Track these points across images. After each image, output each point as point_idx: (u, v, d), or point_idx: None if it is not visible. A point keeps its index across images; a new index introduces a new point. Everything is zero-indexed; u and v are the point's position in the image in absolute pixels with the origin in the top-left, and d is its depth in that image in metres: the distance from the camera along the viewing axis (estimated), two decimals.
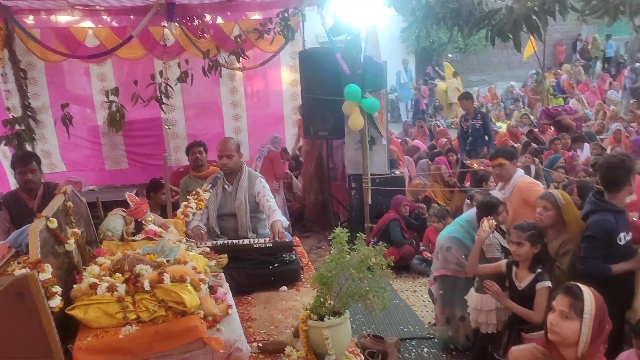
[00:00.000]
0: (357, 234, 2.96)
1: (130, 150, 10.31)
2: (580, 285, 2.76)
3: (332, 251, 2.94)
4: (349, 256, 2.95)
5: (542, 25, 3.72)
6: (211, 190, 4.82)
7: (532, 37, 9.75)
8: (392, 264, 3.00)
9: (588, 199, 4.15)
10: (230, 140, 5.13)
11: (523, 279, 3.92)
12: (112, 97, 7.66)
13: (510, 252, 4.03)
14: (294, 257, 4.36)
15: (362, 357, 3.08)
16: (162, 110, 8.72)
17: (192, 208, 4.30)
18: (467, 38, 4.82)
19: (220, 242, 4.53)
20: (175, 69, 8.96)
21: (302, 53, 8.76)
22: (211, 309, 2.54)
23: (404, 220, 7.82)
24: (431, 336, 5.69)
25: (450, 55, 20.91)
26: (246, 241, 4.56)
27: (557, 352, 2.78)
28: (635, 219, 4.27)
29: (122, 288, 2.48)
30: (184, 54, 9.28)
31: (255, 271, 4.12)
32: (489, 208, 4.51)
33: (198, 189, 4.59)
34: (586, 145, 10.10)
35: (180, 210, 4.24)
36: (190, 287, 2.52)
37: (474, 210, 5.07)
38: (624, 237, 3.92)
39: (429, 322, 6.04)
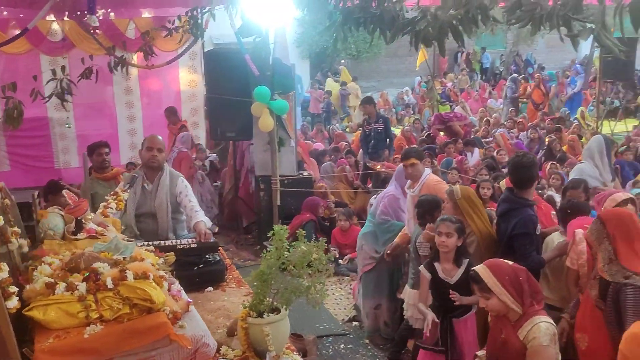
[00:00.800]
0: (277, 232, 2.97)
1: (13, 152, 9.65)
2: (474, 269, 3.19)
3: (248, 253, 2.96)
4: (288, 253, 2.97)
5: (467, 33, 3.94)
6: (129, 190, 4.63)
7: (423, 48, 10.21)
8: (333, 260, 3.06)
9: (503, 197, 4.42)
10: (158, 135, 5.07)
11: (452, 273, 4.06)
12: (9, 93, 7.08)
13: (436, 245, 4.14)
14: (219, 258, 4.32)
15: (298, 353, 3.11)
16: (64, 108, 8.19)
17: (112, 209, 4.13)
18: (390, 43, 4.96)
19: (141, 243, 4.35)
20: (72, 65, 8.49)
21: (208, 53, 8.64)
22: (172, 305, 2.50)
23: (319, 222, 8.02)
24: (346, 332, 5.92)
25: (343, 61, 21.44)
26: (170, 242, 4.43)
27: (504, 319, 3.16)
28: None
29: (82, 287, 2.37)
30: (74, 50, 8.82)
31: (179, 273, 4.01)
32: (431, 208, 4.68)
33: (117, 189, 4.41)
34: (476, 150, 10.77)
35: (99, 211, 4.04)
36: (154, 284, 2.44)
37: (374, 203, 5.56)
38: (539, 228, 4.28)
39: (343, 319, 6.25)
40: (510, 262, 3.22)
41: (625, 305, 3.28)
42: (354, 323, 6.16)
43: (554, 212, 4.98)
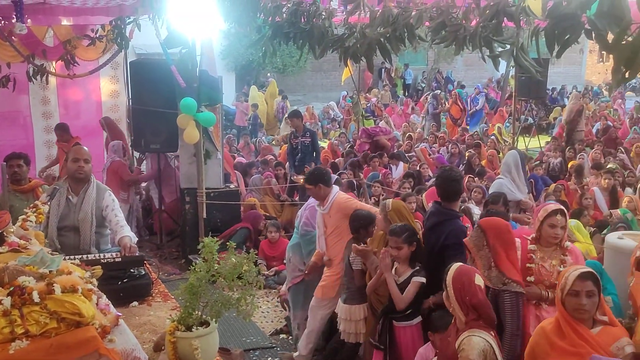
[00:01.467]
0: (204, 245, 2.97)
1: None
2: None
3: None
4: (218, 265, 2.96)
5: (394, 51, 4.06)
6: (49, 203, 4.45)
7: (348, 63, 10.39)
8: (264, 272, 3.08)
9: (432, 209, 4.55)
10: (83, 146, 4.97)
11: (402, 274, 4.21)
12: None
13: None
14: (144, 272, 4.24)
15: None
16: None
17: (31, 222, 3.95)
18: (319, 58, 5.04)
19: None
20: None
21: (133, 63, 8.45)
22: (101, 319, 2.43)
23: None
24: (274, 345, 5.91)
25: (268, 75, 21.49)
26: (93, 256, 4.30)
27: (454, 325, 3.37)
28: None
29: (7, 301, 2.29)
30: None
31: (103, 287, 3.90)
32: (366, 222, 4.76)
33: (37, 202, 4.23)
34: (401, 164, 11.04)
35: (18, 224, 3.86)
36: (83, 297, 2.36)
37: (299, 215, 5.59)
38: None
39: (270, 332, 6.23)
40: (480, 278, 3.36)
41: (504, 309, 3.57)
42: (281, 336, 6.16)
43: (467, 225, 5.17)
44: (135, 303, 3.98)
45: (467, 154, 11.90)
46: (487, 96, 21.60)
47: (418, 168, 10.61)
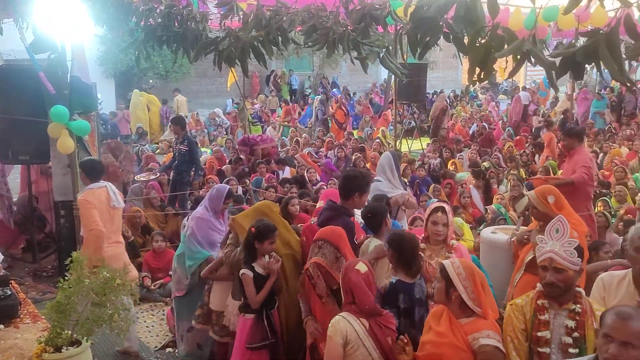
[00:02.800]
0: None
1: None
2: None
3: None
4: (88, 280, 2.85)
5: (268, 54, 4.04)
6: None
7: (233, 70, 10.30)
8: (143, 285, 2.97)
9: (326, 206, 4.65)
10: None
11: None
12: None
13: None
14: (10, 292, 3.99)
15: None
16: None
17: None
18: (193, 62, 4.91)
19: None
20: None
21: None
22: None
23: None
24: None
25: (151, 81, 20.83)
26: None
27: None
28: None
29: None
30: None
31: None
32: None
33: None
34: (287, 168, 11.09)
35: None
36: None
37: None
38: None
39: (155, 347, 6.04)
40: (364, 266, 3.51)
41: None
42: (168, 350, 5.97)
43: None
44: (0, 326, 3.75)
45: (353, 157, 12.16)
46: (371, 101, 22.29)
47: (305, 172, 10.71)
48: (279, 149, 14.30)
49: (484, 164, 11.75)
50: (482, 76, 2.58)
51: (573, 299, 3.12)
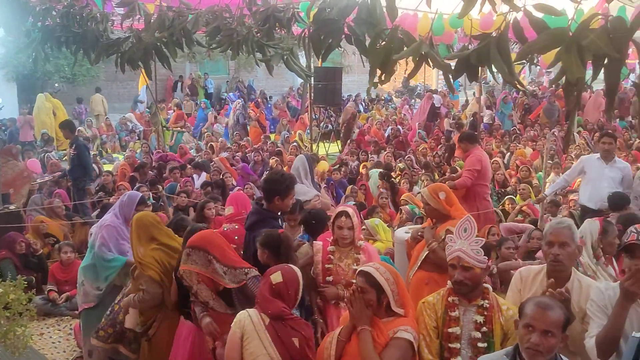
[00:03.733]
0: None
1: None
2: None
3: None
4: None
5: (172, 56, 3.92)
6: None
7: (143, 72, 10.00)
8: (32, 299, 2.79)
9: (252, 210, 4.66)
10: None
11: None
12: None
13: None
14: None
15: None
16: None
17: None
18: (95, 63, 4.70)
19: None
20: None
21: None
22: None
23: (21, 259, 7.18)
24: None
25: (57, 85, 19.87)
26: None
27: None
28: None
29: None
30: None
31: None
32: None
33: None
34: (203, 173, 10.90)
35: None
36: None
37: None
38: None
39: None
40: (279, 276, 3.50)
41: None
42: None
43: None
44: None
45: (271, 161, 12.11)
46: (288, 104, 22.30)
47: (221, 177, 10.55)
48: (195, 154, 14.06)
49: (398, 165, 12.02)
50: (382, 78, 2.61)
51: (481, 295, 3.23)
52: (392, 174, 10.75)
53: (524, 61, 2.52)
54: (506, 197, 9.25)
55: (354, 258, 4.21)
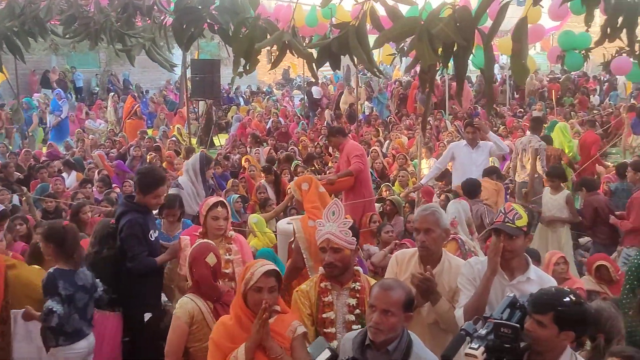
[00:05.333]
0: None
1: None
2: None
3: None
4: None
5: (24, 46, 3.62)
6: None
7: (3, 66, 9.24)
8: None
9: (120, 202, 4.67)
10: None
11: None
12: None
13: None
14: None
15: None
16: None
17: None
18: None
19: None
20: None
21: None
22: None
23: None
24: None
25: None
26: None
27: None
28: None
29: None
30: None
31: None
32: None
33: None
34: (73, 172, 10.32)
35: None
36: None
37: None
38: (153, 234, 4.43)
39: None
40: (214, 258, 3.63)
41: None
42: None
43: None
44: None
45: (148, 157, 11.69)
46: (165, 98, 21.63)
47: (97, 174, 10.04)
48: (65, 152, 13.27)
49: (285, 154, 12.05)
50: (247, 68, 2.56)
51: (352, 277, 3.29)
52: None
53: (395, 52, 2.56)
54: (383, 185, 9.53)
55: (225, 248, 4.22)
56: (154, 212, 4.92)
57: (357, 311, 3.21)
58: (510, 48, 2.12)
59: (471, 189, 6.39)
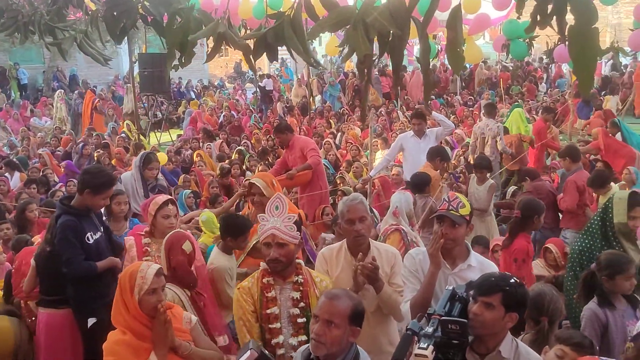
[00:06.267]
0: None
1: None
2: None
3: None
4: None
5: None
6: None
7: None
8: None
9: (57, 204, 4.40)
10: None
11: None
12: None
13: None
14: None
15: None
16: None
17: None
18: None
19: None
20: None
21: None
22: None
23: None
24: None
25: None
26: None
27: None
28: None
29: None
30: None
31: None
32: None
33: None
34: (16, 173, 9.98)
35: None
36: None
37: None
38: (91, 237, 4.20)
39: None
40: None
41: None
42: None
43: None
44: None
45: (95, 155, 11.38)
46: (114, 94, 21.14)
47: (42, 174, 9.73)
48: (9, 151, 12.82)
49: (238, 148, 11.93)
50: (183, 60, 2.48)
51: (295, 271, 3.26)
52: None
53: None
54: (338, 177, 9.53)
55: None
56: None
57: (302, 304, 3.16)
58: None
59: (419, 183, 6.38)
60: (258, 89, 20.24)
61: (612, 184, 6.80)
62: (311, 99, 17.61)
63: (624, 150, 8.58)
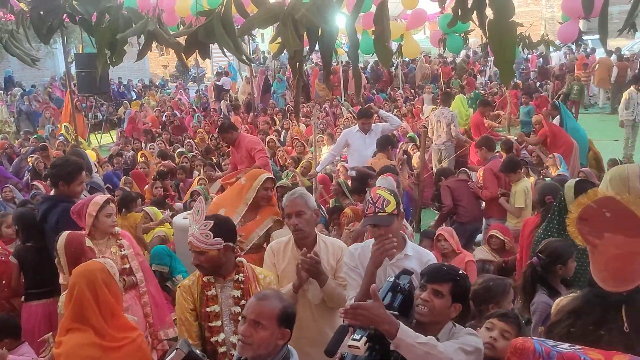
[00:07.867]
0: None
1: None
2: None
3: None
4: None
5: None
6: None
7: None
8: None
9: (41, 199, 4.72)
10: None
11: None
12: None
13: None
14: None
15: None
16: None
17: None
18: None
19: None
20: None
21: None
22: None
23: None
24: None
25: None
26: None
27: None
28: None
29: None
30: None
31: None
32: None
33: None
34: None
35: None
36: None
37: None
38: None
39: None
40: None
41: None
42: None
43: None
44: None
45: (29, 160, 11.00)
46: (50, 95, 20.49)
47: None
48: None
49: (179, 150, 11.76)
50: (114, 59, 2.44)
51: (235, 269, 3.22)
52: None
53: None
54: (289, 174, 9.52)
55: (118, 245, 4.20)
56: None
57: (243, 302, 3.11)
58: (396, 33, 2.13)
59: (361, 182, 6.27)
60: (213, 88, 20.00)
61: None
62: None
63: (563, 139, 8.81)
